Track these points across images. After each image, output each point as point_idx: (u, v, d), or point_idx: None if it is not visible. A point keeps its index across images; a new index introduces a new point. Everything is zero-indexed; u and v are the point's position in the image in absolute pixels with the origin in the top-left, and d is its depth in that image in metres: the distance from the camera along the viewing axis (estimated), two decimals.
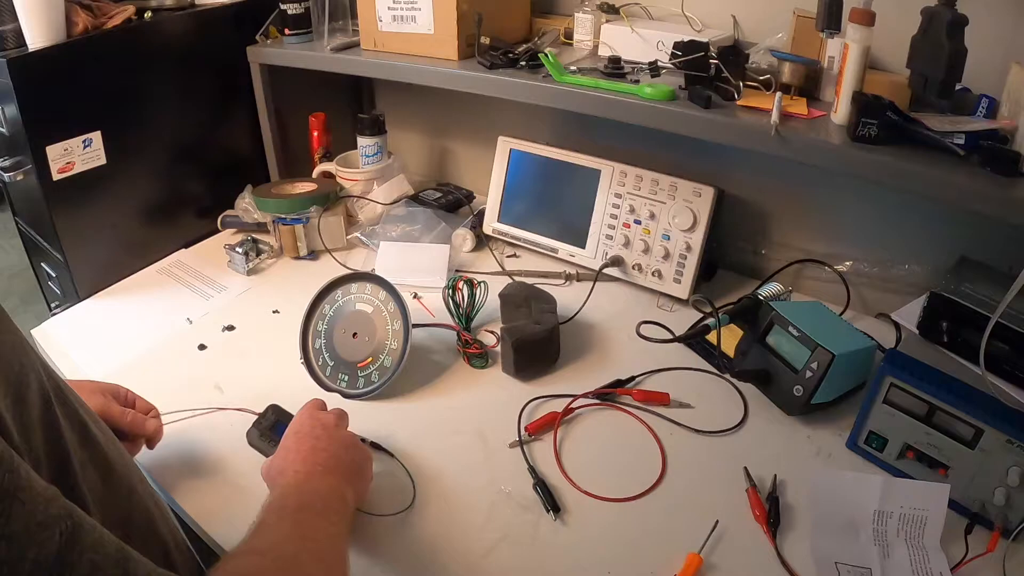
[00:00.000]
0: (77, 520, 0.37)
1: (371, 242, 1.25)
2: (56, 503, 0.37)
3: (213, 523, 0.75)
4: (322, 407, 0.78)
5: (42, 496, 0.36)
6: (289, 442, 0.72)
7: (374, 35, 1.16)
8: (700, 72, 0.94)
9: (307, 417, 0.75)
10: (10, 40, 1.01)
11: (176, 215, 1.29)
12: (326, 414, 0.76)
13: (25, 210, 1.22)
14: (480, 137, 1.40)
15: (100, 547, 0.38)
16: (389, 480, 0.80)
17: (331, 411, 0.78)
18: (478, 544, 0.72)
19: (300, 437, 0.72)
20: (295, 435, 0.73)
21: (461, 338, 0.99)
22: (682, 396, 0.92)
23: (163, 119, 1.22)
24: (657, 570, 0.69)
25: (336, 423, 0.75)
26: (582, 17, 1.14)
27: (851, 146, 0.82)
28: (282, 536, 0.57)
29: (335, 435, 0.73)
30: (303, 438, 0.72)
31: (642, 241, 1.12)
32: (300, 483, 0.66)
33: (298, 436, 0.72)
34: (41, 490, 0.36)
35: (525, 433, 0.85)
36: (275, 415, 0.84)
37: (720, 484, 0.79)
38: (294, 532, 0.58)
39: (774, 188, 1.13)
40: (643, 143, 1.16)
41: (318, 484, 0.66)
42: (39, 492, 0.36)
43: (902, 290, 1.04)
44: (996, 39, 0.86)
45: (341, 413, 0.78)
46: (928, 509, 0.71)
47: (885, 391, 0.79)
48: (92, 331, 1.08)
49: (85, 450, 0.49)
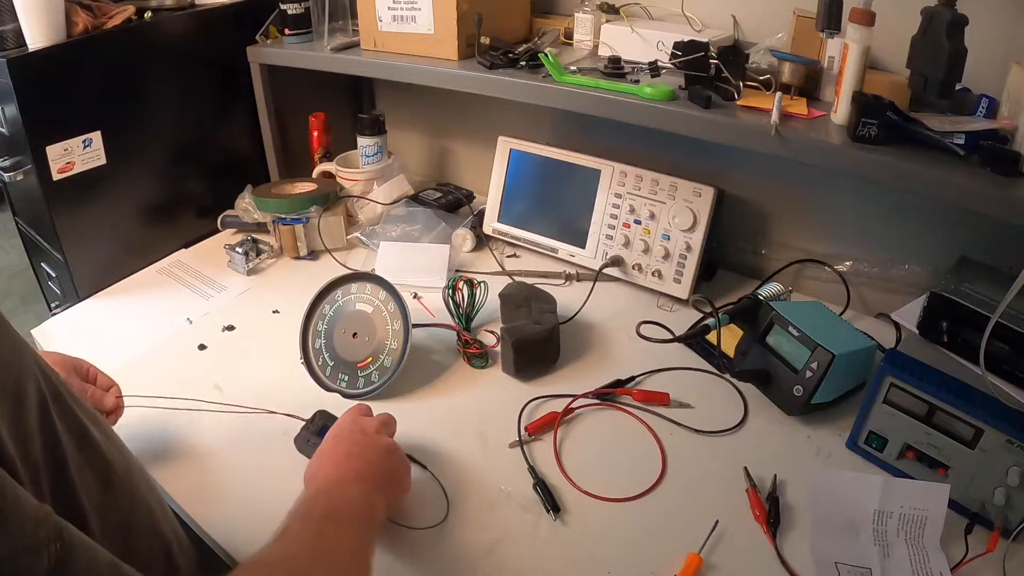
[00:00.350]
0: (68, 539, 0.36)
1: (371, 242, 1.25)
2: (46, 523, 0.36)
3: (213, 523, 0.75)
4: (367, 412, 0.77)
5: (31, 517, 0.35)
6: (327, 445, 0.72)
7: (374, 35, 1.16)
8: (700, 72, 0.94)
9: (348, 421, 0.75)
10: (10, 40, 1.01)
11: (176, 215, 1.29)
12: (369, 419, 0.75)
13: (25, 210, 1.22)
14: (480, 137, 1.40)
15: (92, 565, 0.37)
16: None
17: (376, 416, 0.77)
18: (478, 544, 0.72)
19: (337, 441, 0.72)
20: (333, 439, 0.72)
21: (461, 338, 0.99)
22: (682, 396, 0.91)
23: (163, 119, 1.22)
24: (657, 570, 0.69)
25: (378, 428, 0.74)
26: (582, 17, 1.14)
27: (851, 146, 0.82)
28: (301, 547, 0.56)
29: (374, 441, 0.72)
30: (340, 442, 0.71)
31: (642, 241, 1.12)
32: (331, 488, 0.66)
33: (336, 440, 0.72)
34: (31, 510, 0.36)
35: (525, 433, 0.85)
36: (323, 420, 0.83)
37: (720, 484, 0.79)
38: (315, 543, 0.57)
39: (774, 188, 1.13)
40: (643, 143, 1.16)
41: (349, 491, 0.65)
42: (28, 513, 0.35)
43: (902, 290, 1.04)
44: (996, 39, 0.86)
45: (386, 419, 0.77)
46: (928, 509, 0.71)
47: (885, 391, 0.79)
48: (92, 331, 1.08)
49: (83, 453, 0.49)
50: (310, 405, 0.88)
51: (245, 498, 0.78)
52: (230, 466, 0.82)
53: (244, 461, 0.83)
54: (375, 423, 0.75)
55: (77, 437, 0.49)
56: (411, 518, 0.75)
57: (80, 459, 0.49)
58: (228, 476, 0.81)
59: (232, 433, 0.87)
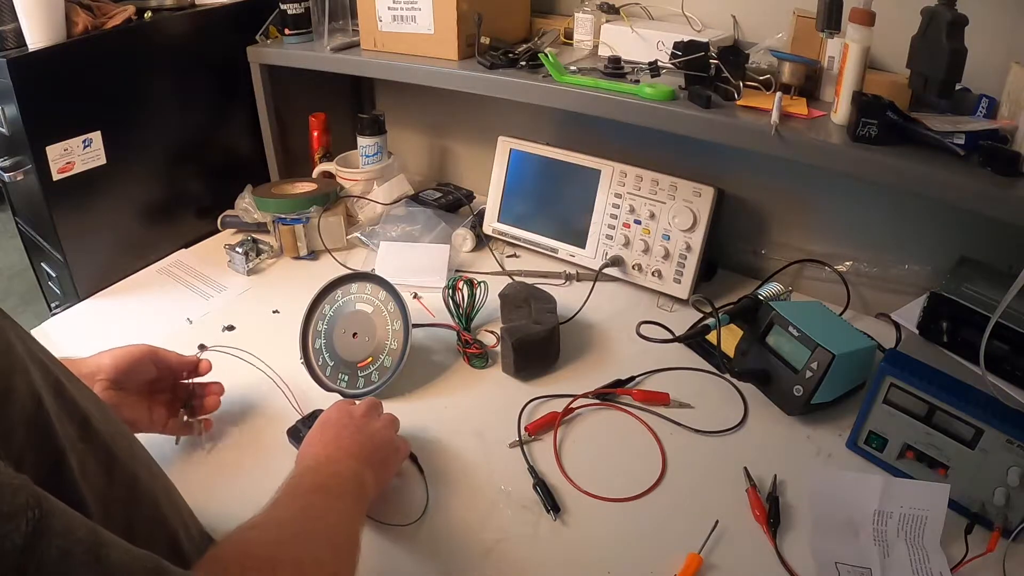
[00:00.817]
0: (47, 508, 0.37)
1: (371, 242, 1.25)
2: (24, 491, 0.36)
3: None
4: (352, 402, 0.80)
5: (8, 484, 0.36)
6: (315, 429, 0.75)
7: (374, 35, 1.16)
8: (700, 72, 0.94)
9: (335, 409, 0.77)
10: (10, 40, 1.01)
11: (176, 215, 1.29)
12: (356, 406, 0.78)
13: (25, 210, 1.22)
14: (480, 137, 1.40)
15: (70, 532, 0.37)
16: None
17: (362, 402, 0.79)
18: (478, 544, 0.72)
19: (326, 425, 0.75)
20: (321, 424, 0.75)
21: (461, 338, 0.99)
22: (682, 396, 0.91)
23: (163, 119, 1.22)
24: (657, 570, 0.69)
25: (365, 412, 0.77)
26: (582, 17, 1.14)
27: (851, 146, 0.82)
28: (291, 514, 0.58)
29: (362, 424, 0.75)
30: (328, 426, 0.74)
31: (642, 241, 1.12)
32: (319, 465, 0.68)
33: (324, 424, 0.75)
34: (8, 479, 0.36)
35: (525, 433, 0.85)
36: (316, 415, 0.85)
37: (720, 484, 0.79)
38: (305, 512, 0.58)
39: (774, 188, 1.13)
40: (643, 143, 1.16)
41: (337, 466, 0.67)
42: (4, 481, 0.36)
43: (902, 290, 1.04)
44: (996, 39, 0.86)
45: (373, 403, 0.80)
46: (928, 509, 0.71)
47: (885, 391, 0.79)
48: (92, 331, 1.08)
49: (85, 444, 0.49)
50: (310, 405, 0.88)
51: (240, 490, 0.78)
52: (230, 464, 0.82)
53: (244, 459, 0.83)
54: (362, 407, 0.78)
55: (79, 427, 0.49)
56: (411, 518, 0.75)
57: (83, 449, 0.49)
58: (228, 474, 0.81)
59: (232, 433, 0.87)
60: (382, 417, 0.79)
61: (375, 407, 0.79)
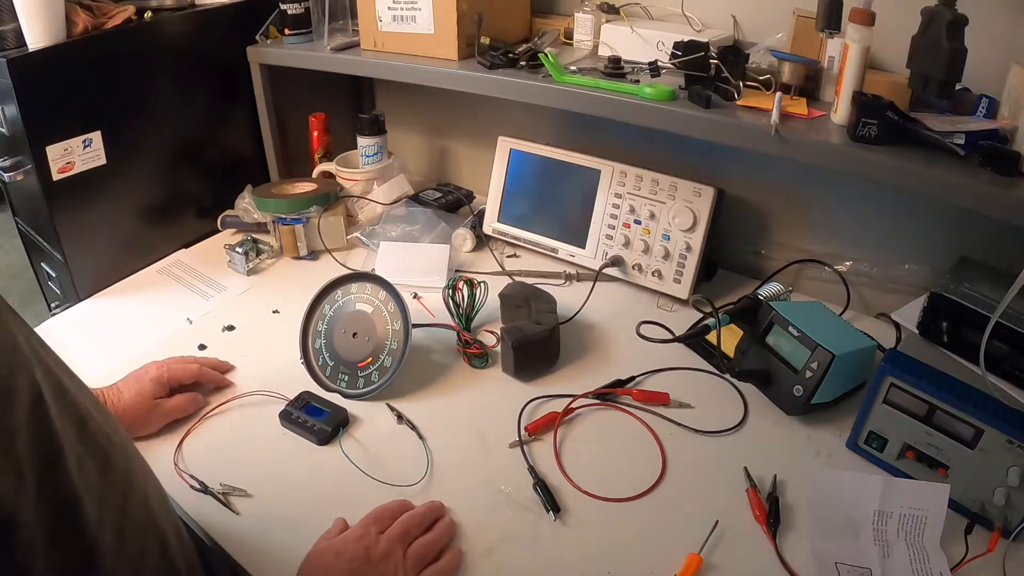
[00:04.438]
0: None
1: (371, 242, 1.25)
2: None
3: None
4: (396, 512, 0.66)
5: None
6: (323, 559, 0.60)
7: (374, 35, 1.16)
8: (700, 72, 0.94)
9: (355, 535, 0.62)
10: (10, 40, 1.01)
11: (176, 215, 1.29)
12: (388, 530, 0.63)
13: (25, 210, 1.22)
14: (480, 137, 1.40)
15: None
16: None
17: (403, 520, 0.64)
18: (478, 544, 0.72)
19: (337, 558, 0.60)
20: (334, 553, 0.61)
21: (461, 338, 0.99)
22: (682, 396, 0.91)
23: (163, 119, 1.21)
24: (657, 570, 0.69)
25: (386, 553, 0.61)
26: (582, 17, 1.14)
27: (851, 146, 0.82)
28: None
29: (383, 570, 0.60)
30: (339, 561, 0.60)
31: (642, 241, 1.12)
32: None
33: (335, 554, 0.61)
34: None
35: (525, 433, 0.85)
36: (308, 398, 0.89)
37: (720, 484, 0.79)
38: None
39: (774, 188, 1.13)
40: (643, 143, 1.16)
41: None
42: None
43: (902, 290, 1.04)
44: (996, 39, 0.86)
45: (406, 526, 0.63)
46: (928, 509, 0.71)
47: (885, 391, 0.79)
48: (92, 331, 1.08)
49: (83, 444, 0.49)
50: None
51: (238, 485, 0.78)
52: (230, 460, 0.82)
53: (243, 457, 0.83)
54: (385, 545, 0.62)
55: (77, 428, 0.49)
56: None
57: (80, 449, 0.49)
58: (228, 473, 0.81)
59: (231, 431, 0.87)
60: (422, 541, 0.64)
61: (413, 527, 0.62)
